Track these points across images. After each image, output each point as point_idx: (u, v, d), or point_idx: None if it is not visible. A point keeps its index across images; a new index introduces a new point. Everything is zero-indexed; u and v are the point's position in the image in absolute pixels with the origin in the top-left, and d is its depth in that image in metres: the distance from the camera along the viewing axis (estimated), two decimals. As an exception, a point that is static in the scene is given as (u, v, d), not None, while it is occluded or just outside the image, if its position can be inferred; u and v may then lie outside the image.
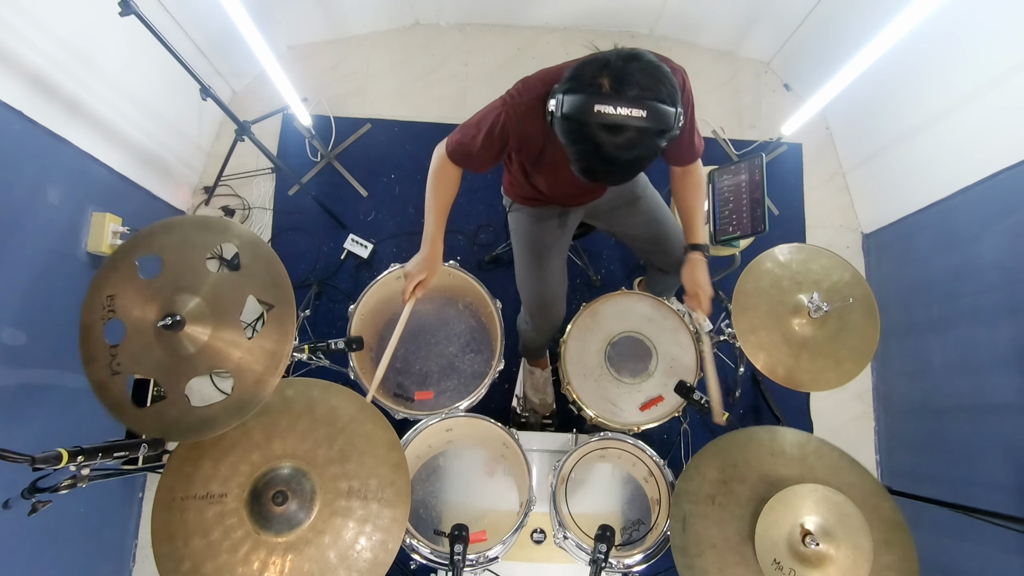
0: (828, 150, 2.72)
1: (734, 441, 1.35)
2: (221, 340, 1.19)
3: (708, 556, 1.25)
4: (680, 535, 1.27)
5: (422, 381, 2.02)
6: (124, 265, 1.21)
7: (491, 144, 1.33)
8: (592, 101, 1.00)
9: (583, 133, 1.03)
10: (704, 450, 1.35)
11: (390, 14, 2.73)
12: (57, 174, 1.77)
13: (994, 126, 1.92)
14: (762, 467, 1.31)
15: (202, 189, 2.52)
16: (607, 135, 1.01)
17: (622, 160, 1.05)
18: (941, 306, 2.14)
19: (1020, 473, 1.75)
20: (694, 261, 1.60)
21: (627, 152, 1.03)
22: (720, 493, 1.29)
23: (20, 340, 1.62)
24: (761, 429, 1.36)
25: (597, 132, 1.01)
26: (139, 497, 2.25)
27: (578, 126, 1.03)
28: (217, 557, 1.12)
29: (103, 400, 1.15)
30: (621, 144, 1.02)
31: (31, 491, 1.02)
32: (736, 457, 1.33)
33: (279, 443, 1.22)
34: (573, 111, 1.02)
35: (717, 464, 1.32)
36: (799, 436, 1.35)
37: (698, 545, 1.26)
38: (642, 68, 1.02)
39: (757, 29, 2.64)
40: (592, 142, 1.03)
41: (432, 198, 1.48)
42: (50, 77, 1.69)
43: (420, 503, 1.71)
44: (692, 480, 1.32)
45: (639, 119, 0.99)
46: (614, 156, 1.04)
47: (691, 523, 1.28)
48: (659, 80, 1.02)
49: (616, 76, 1.01)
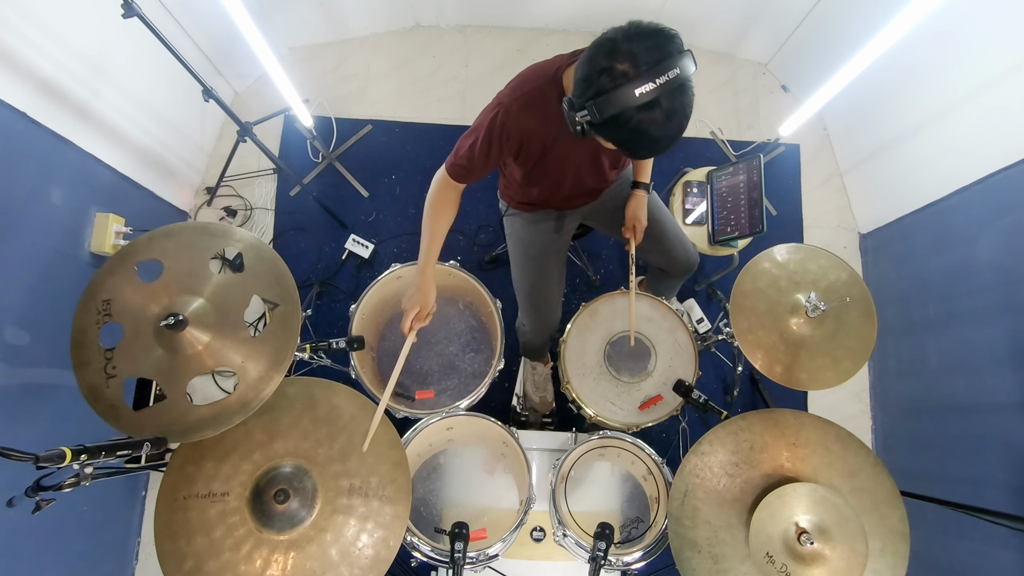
0: (825, 151, 2.72)
1: (758, 420, 1.31)
2: (225, 339, 1.19)
3: (700, 530, 1.25)
4: (678, 504, 1.27)
5: (423, 380, 2.02)
6: (122, 269, 1.21)
7: (490, 148, 1.31)
8: (629, 88, 0.97)
9: (638, 122, 1.00)
10: (724, 426, 1.32)
11: (391, 16, 2.73)
12: (60, 175, 1.77)
13: (990, 127, 1.93)
14: (778, 457, 1.28)
15: (204, 190, 2.52)
16: (660, 112, 0.99)
17: (681, 120, 1.02)
18: (937, 306, 2.14)
19: (1016, 471, 1.75)
20: (637, 196, 1.66)
21: (683, 110, 1.01)
22: (728, 474, 1.28)
23: (24, 340, 1.62)
24: (790, 413, 1.31)
25: (650, 114, 0.99)
26: (142, 495, 2.25)
27: (628, 120, 1.00)
28: (220, 555, 1.12)
29: (95, 406, 1.14)
30: (676, 108, 1.00)
31: (35, 489, 1.02)
32: (754, 439, 1.30)
33: (281, 442, 1.22)
34: (616, 108, 0.99)
35: (732, 444, 1.30)
36: (822, 428, 1.30)
37: (693, 518, 1.26)
38: (642, 36, 1.00)
39: (755, 31, 2.64)
40: (651, 125, 1.01)
41: (428, 224, 1.46)
42: (54, 79, 1.70)
43: (421, 501, 1.71)
44: (704, 456, 1.30)
45: (676, 77, 0.98)
46: (676, 121, 1.01)
47: (691, 497, 1.27)
48: (662, 38, 1.00)
49: (630, 56, 0.98)
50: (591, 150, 1.42)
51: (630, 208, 1.68)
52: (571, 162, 1.44)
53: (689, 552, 1.24)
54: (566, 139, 1.31)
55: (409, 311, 1.48)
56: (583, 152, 1.42)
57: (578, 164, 1.47)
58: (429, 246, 1.47)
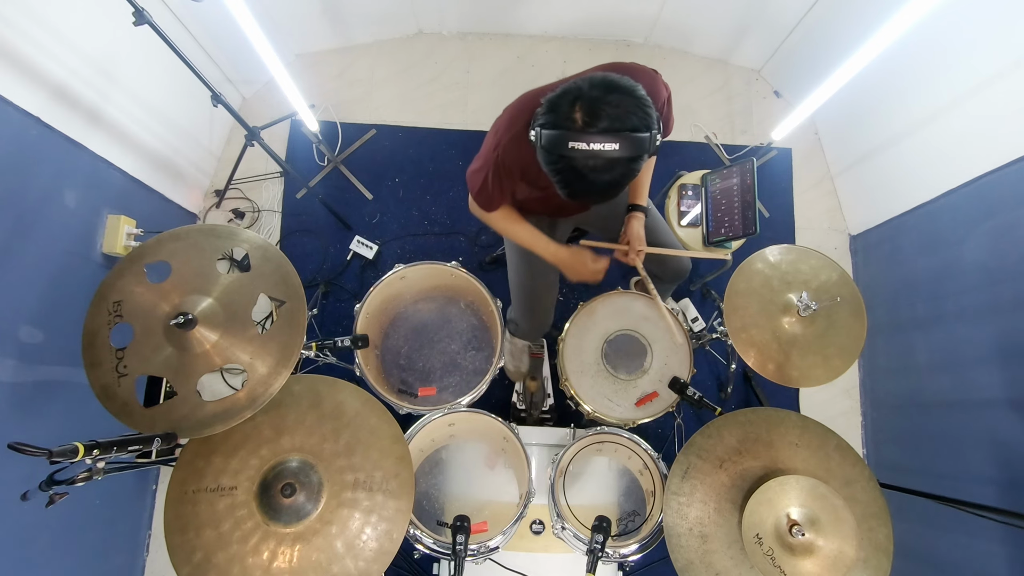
0: (817, 155, 2.72)
1: (766, 416, 1.33)
2: (233, 338, 1.19)
3: (695, 507, 1.26)
4: (678, 481, 1.28)
5: (425, 377, 2.02)
6: (132, 271, 1.21)
7: (501, 183, 1.35)
8: (567, 137, 1.01)
9: (562, 164, 1.05)
10: (733, 416, 1.33)
11: (394, 23, 2.73)
12: (74, 178, 1.77)
13: (977, 131, 1.92)
14: (781, 452, 1.29)
15: (213, 192, 2.52)
16: (584, 165, 1.02)
17: (601, 183, 1.06)
18: (925, 305, 2.14)
19: (1001, 466, 1.75)
20: (635, 218, 1.66)
21: (604, 176, 1.04)
22: (731, 460, 1.29)
23: (37, 338, 1.62)
24: (797, 416, 1.34)
25: (574, 163, 1.03)
26: (152, 489, 2.25)
27: (557, 158, 1.04)
28: (228, 547, 1.12)
29: (108, 405, 1.14)
30: (599, 169, 1.03)
31: (48, 483, 1.02)
32: (760, 433, 1.31)
33: (287, 437, 1.22)
34: (550, 145, 1.03)
35: (739, 433, 1.31)
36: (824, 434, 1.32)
37: (691, 495, 1.27)
38: (614, 97, 1.01)
39: (748, 38, 2.64)
40: (570, 172, 1.05)
41: (513, 233, 1.53)
42: (67, 85, 1.69)
43: (423, 495, 1.71)
44: (710, 438, 1.31)
45: (612, 151, 1.00)
46: (593, 180, 1.05)
47: (692, 474, 1.28)
48: (631, 108, 1.01)
49: (589, 109, 1.01)
50: None
51: (630, 231, 1.65)
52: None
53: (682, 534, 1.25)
54: None
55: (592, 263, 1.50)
56: None
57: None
58: (531, 237, 1.52)
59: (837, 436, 1.32)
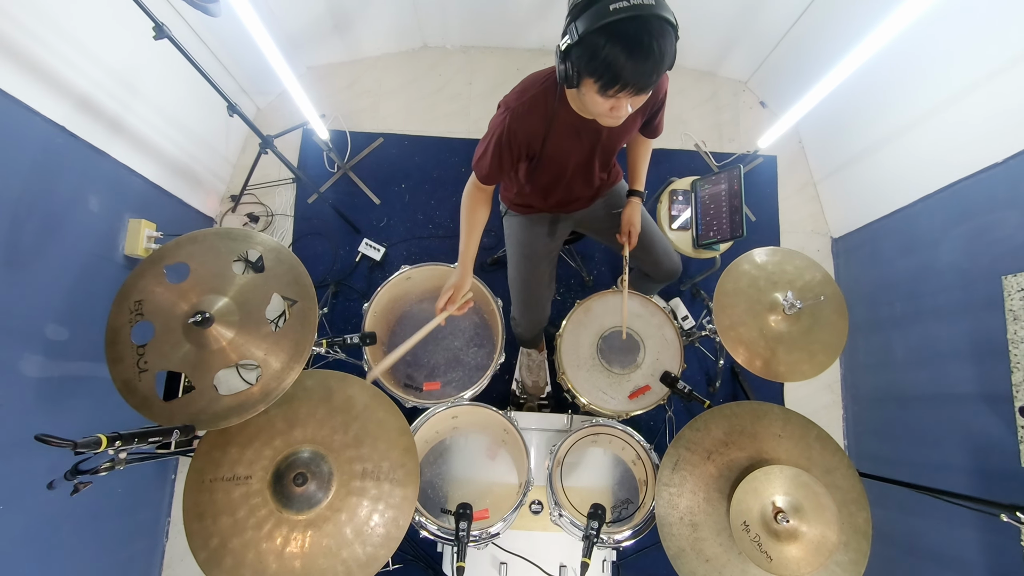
0: (800, 162, 2.72)
1: (751, 409, 1.33)
2: (248, 335, 1.19)
3: (685, 498, 1.26)
4: (669, 472, 1.28)
5: (430, 373, 2.02)
6: (152, 272, 1.21)
7: (502, 150, 1.32)
8: (606, 3, 0.96)
9: (606, 35, 0.98)
10: (719, 409, 1.33)
11: (400, 38, 2.73)
12: (97, 184, 1.77)
13: (953, 139, 1.92)
14: (765, 443, 1.30)
15: (229, 197, 2.51)
16: (629, 25, 0.96)
17: (646, 45, 0.97)
18: (903, 304, 2.14)
19: (975, 456, 1.75)
20: (633, 203, 1.65)
21: (645, 37, 0.97)
22: (718, 452, 1.29)
23: (63, 336, 1.62)
24: (780, 409, 1.33)
25: (618, 27, 0.97)
26: (171, 479, 2.25)
27: (599, 33, 0.98)
28: (243, 534, 1.12)
29: (129, 399, 1.14)
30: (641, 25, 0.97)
31: (73, 473, 1.02)
32: (745, 425, 1.31)
33: (300, 429, 1.22)
34: (592, 22, 0.98)
35: (726, 426, 1.31)
36: (805, 425, 1.32)
37: (681, 486, 1.27)
38: None
39: (736, 51, 2.64)
40: (617, 40, 0.98)
41: (463, 221, 1.47)
42: (91, 96, 1.69)
43: (428, 484, 1.71)
44: (698, 431, 1.31)
45: (650, 5, 0.96)
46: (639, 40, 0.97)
47: (682, 466, 1.28)
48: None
49: None
50: (584, 148, 1.41)
51: (626, 214, 1.67)
52: (565, 160, 1.43)
53: (675, 525, 1.25)
54: (560, 130, 1.31)
55: (444, 293, 1.47)
56: (576, 150, 1.41)
57: (573, 165, 1.45)
58: (466, 240, 1.47)
59: (817, 427, 1.32)
